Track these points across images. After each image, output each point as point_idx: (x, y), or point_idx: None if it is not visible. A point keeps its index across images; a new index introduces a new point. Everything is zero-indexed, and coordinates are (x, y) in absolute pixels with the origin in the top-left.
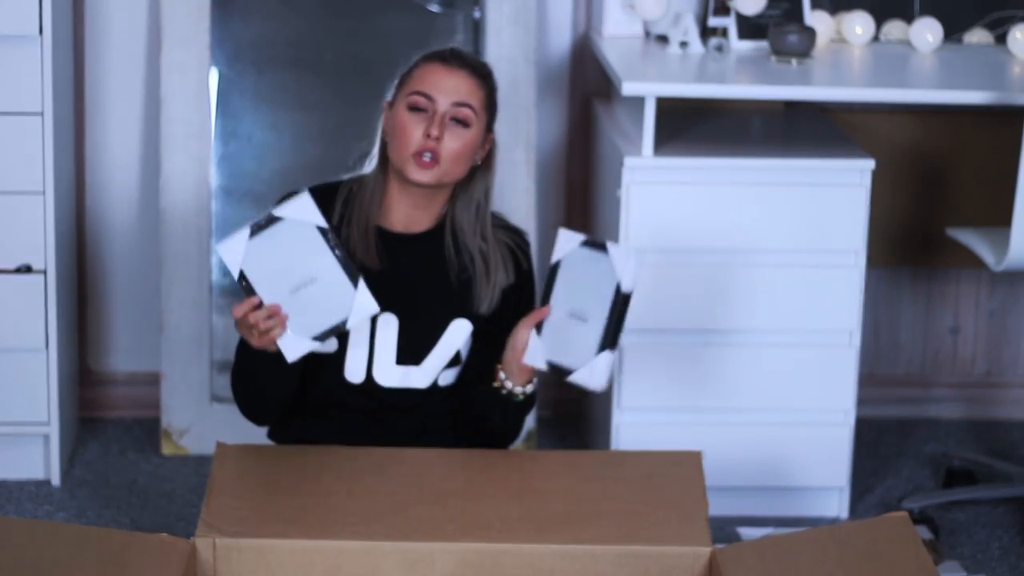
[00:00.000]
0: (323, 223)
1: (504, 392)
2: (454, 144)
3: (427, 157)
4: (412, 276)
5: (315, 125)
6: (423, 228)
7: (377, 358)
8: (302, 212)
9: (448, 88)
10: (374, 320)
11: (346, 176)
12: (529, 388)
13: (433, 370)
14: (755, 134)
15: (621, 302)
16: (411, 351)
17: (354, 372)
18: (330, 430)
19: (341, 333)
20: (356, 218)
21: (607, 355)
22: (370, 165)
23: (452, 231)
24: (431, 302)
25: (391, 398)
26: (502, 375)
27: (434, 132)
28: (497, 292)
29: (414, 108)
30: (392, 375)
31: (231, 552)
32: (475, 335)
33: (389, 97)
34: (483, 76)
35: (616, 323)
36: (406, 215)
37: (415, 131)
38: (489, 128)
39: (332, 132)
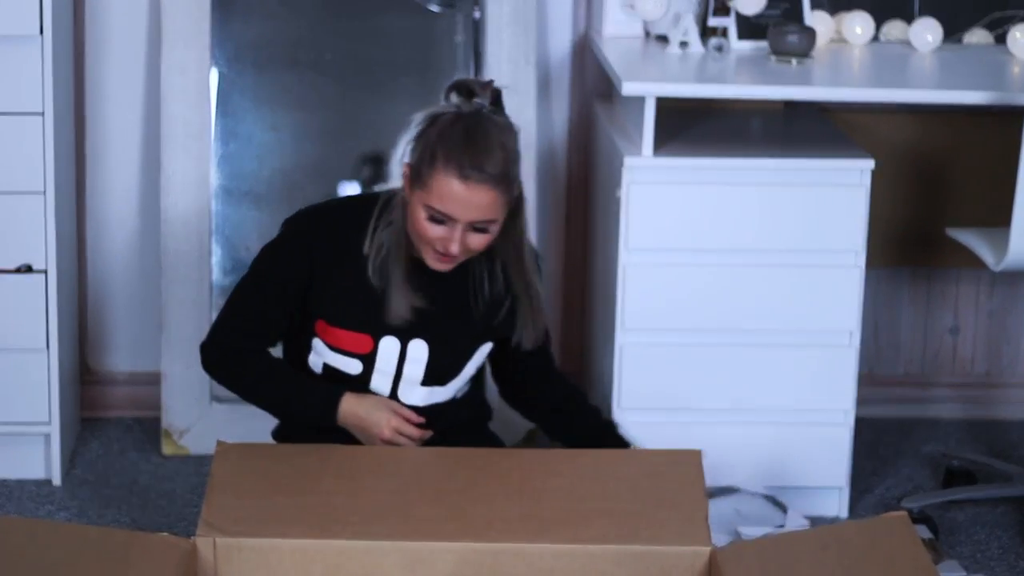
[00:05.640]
0: None
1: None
2: (475, 243)
3: (447, 255)
4: (440, 304)
5: (315, 125)
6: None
7: (404, 381)
8: None
9: (468, 208)
10: (404, 347)
11: (377, 188)
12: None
13: (455, 388)
14: (755, 134)
15: None
16: (438, 375)
17: (379, 391)
18: (342, 438)
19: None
20: (389, 246)
21: None
22: (388, 185)
23: (489, 259)
24: (460, 331)
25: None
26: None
27: (454, 250)
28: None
29: (432, 219)
30: (417, 395)
31: (232, 551)
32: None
33: (407, 153)
34: (502, 180)
35: None
36: None
37: (434, 235)
38: (513, 192)
39: (332, 132)
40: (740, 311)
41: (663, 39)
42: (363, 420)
